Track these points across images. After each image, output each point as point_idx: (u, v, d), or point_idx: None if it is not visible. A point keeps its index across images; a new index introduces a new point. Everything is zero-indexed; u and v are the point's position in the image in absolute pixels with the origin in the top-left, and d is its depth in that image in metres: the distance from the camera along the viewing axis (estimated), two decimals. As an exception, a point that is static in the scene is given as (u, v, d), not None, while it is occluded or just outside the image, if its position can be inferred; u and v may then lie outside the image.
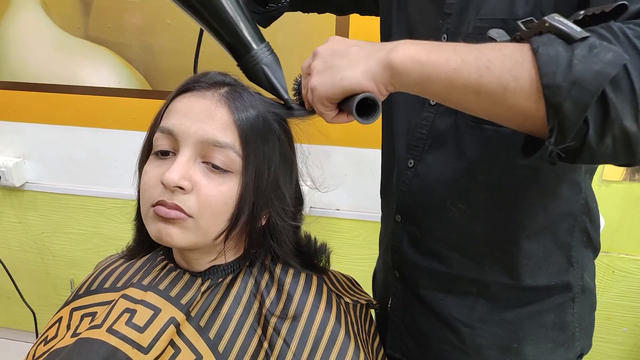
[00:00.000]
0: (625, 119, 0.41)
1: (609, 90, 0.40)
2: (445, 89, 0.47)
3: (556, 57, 0.41)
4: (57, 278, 1.63)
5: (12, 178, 1.48)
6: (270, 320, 0.61)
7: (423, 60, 0.47)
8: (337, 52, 0.53)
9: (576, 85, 0.40)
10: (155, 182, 0.57)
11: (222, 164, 0.56)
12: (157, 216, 0.56)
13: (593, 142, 0.42)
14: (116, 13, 1.30)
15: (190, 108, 0.58)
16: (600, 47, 0.41)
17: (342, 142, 1.31)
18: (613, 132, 0.42)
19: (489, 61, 0.44)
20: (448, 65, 0.46)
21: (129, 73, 1.36)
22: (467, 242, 0.68)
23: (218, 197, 0.57)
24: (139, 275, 0.65)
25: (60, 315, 0.66)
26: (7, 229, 1.58)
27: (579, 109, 0.41)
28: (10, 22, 1.37)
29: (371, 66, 0.50)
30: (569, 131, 0.42)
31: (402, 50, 0.48)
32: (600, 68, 0.40)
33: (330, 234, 1.40)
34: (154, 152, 0.59)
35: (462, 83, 0.46)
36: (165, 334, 0.57)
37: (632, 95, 0.40)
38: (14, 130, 1.47)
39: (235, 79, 0.63)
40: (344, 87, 0.52)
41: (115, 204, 1.49)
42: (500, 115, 0.47)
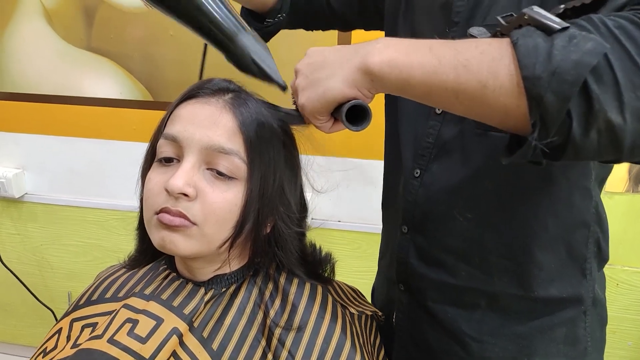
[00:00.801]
0: (609, 111, 0.39)
1: (592, 82, 0.39)
2: (424, 92, 0.47)
3: (535, 48, 0.40)
4: (54, 291, 1.61)
5: (12, 189, 1.47)
6: (275, 331, 0.60)
7: (400, 64, 0.46)
8: (315, 64, 0.53)
9: (556, 75, 0.39)
10: (159, 189, 0.56)
11: (227, 170, 0.56)
12: (160, 224, 0.55)
13: (577, 137, 0.41)
14: (119, 24, 1.31)
15: (195, 114, 0.57)
16: (580, 37, 0.40)
17: (343, 153, 1.31)
18: (598, 125, 0.40)
19: (466, 60, 0.43)
20: (425, 67, 0.45)
21: (130, 84, 1.36)
22: (475, 252, 0.66)
23: (223, 204, 0.56)
24: (141, 284, 0.64)
25: (59, 326, 0.65)
26: (6, 240, 1.56)
27: (560, 100, 0.39)
28: (13, 33, 1.37)
29: (350, 73, 0.49)
30: (552, 125, 0.41)
31: (379, 54, 0.48)
32: (579, 57, 0.39)
33: (332, 246, 1.38)
34: (158, 158, 0.59)
35: (441, 85, 0.45)
36: (168, 345, 0.56)
37: (616, 86, 0.39)
38: (14, 141, 1.47)
39: (240, 85, 0.63)
40: (328, 100, 0.51)
41: (115, 215, 1.48)
42: (481, 114, 0.46)
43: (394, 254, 0.75)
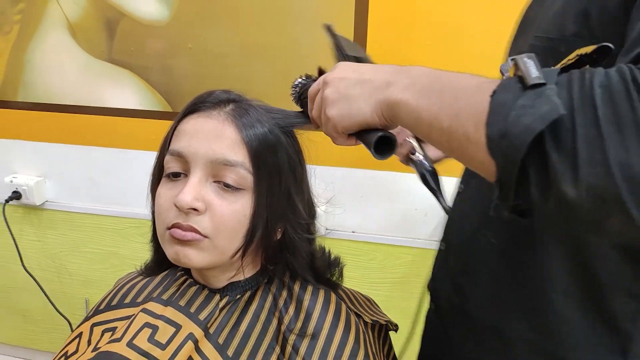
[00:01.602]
0: (563, 182, 0.35)
1: (550, 148, 0.35)
2: (427, 133, 0.46)
3: (501, 105, 0.38)
4: (72, 297, 1.64)
5: (33, 197, 1.50)
6: (289, 338, 0.61)
7: (412, 105, 0.46)
8: (350, 80, 0.53)
9: (505, 138, 0.36)
10: (169, 205, 0.57)
11: (233, 182, 0.57)
12: (173, 239, 0.57)
13: (537, 204, 0.37)
14: (139, 37, 1.34)
15: (198, 129, 0.58)
16: (545, 97, 0.36)
17: (358, 164, 1.32)
18: (554, 194, 0.36)
19: (459, 108, 0.42)
20: (431, 110, 0.44)
21: (150, 95, 1.39)
22: (492, 282, 0.61)
23: (232, 215, 0.57)
24: (158, 290, 0.65)
25: (80, 331, 0.66)
26: (27, 247, 1.59)
27: (509, 165, 0.37)
28: (37, 46, 1.41)
29: (378, 102, 0.50)
30: (507, 189, 0.38)
31: (397, 93, 0.48)
32: (529, 122, 0.35)
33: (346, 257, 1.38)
34: (166, 174, 0.60)
35: (439, 130, 0.44)
36: (184, 350, 0.57)
37: (573, 155, 0.34)
38: (36, 150, 1.51)
39: (239, 94, 0.63)
40: (355, 121, 0.52)
41: (132, 223, 1.50)
42: (468, 164, 0.44)
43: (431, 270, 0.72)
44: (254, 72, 1.30)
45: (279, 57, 1.27)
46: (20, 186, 1.49)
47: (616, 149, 0.33)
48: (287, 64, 1.27)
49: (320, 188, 1.35)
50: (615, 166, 0.33)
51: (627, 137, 0.33)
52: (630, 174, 0.32)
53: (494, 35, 1.14)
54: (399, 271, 1.39)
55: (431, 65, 0.50)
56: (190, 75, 1.35)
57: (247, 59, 1.29)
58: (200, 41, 1.30)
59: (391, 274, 1.40)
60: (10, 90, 1.46)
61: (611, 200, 0.33)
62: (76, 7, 1.36)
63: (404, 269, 1.39)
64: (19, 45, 1.42)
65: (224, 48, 1.29)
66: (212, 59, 1.32)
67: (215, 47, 1.30)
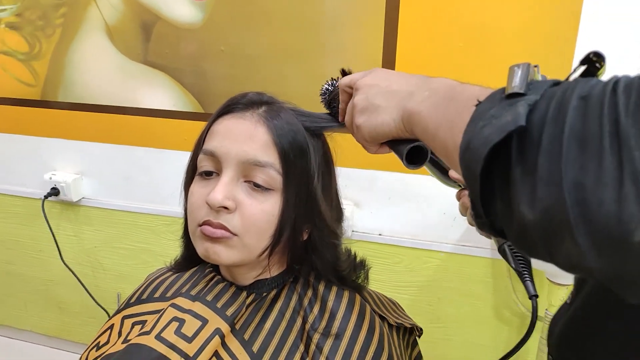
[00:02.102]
0: (522, 202, 0.31)
1: (515, 163, 0.32)
2: (433, 147, 0.45)
3: (479, 114, 0.36)
4: (105, 291, 1.69)
5: (71, 193, 1.56)
6: (313, 337, 0.61)
7: (423, 117, 0.45)
8: (378, 89, 0.53)
9: (468, 150, 0.34)
10: (201, 203, 0.59)
11: (263, 182, 0.58)
12: (204, 235, 0.58)
13: (503, 222, 0.34)
14: (174, 40, 1.38)
15: (231, 130, 0.60)
16: (514, 107, 0.33)
17: (386, 166, 1.32)
18: (515, 215, 0.32)
19: (454, 120, 0.40)
20: (435, 122, 0.43)
21: (183, 96, 1.42)
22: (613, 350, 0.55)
23: (261, 215, 0.58)
24: (187, 285, 0.67)
25: (112, 323, 0.69)
26: (64, 241, 1.65)
27: (471, 178, 0.34)
28: (77, 48, 1.47)
29: (400, 113, 0.49)
30: (475, 202, 0.35)
31: (415, 104, 0.47)
32: (489, 133, 0.33)
33: (372, 259, 1.39)
34: (199, 172, 0.61)
35: (442, 140, 0.42)
36: (211, 345, 0.58)
37: (532, 173, 0.31)
38: (75, 149, 1.56)
39: (272, 96, 0.64)
40: (380, 133, 0.52)
41: (164, 221, 1.54)
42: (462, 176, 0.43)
43: None
44: (286, 74, 1.32)
45: (310, 60, 1.29)
46: (59, 183, 1.55)
47: (573, 167, 0.29)
48: (318, 66, 1.29)
49: (348, 190, 1.35)
50: (569, 186, 0.29)
51: (588, 155, 0.29)
52: (583, 196, 0.28)
53: (528, 37, 1.12)
54: (425, 275, 1.38)
55: (463, 67, 0.49)
56: (223, 77, 1.38)
57: (279, 61, 1.31)
58: (232, 44, 1.33)
59: (418, 278, 1.39)
60: (51, 90, 1.53)
61: (560, 224, 0.29)
62: (114, 11, 1.40)
63: (431, 273, 1.37)
64: (61, 47, 1.48)
65: (256, 51, 1.32)
66: (244, 62, 1.34)
67: (247, 49, 1.32)
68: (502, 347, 1.39)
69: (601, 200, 0.27)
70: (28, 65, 1.52)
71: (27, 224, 1.68)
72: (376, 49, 1.23)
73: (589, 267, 0.29)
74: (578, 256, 0.29)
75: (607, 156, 0.28)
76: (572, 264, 0.31)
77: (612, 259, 0.28)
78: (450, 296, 1.38)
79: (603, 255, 0.28)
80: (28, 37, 1.50)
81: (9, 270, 1.79)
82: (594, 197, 0.28)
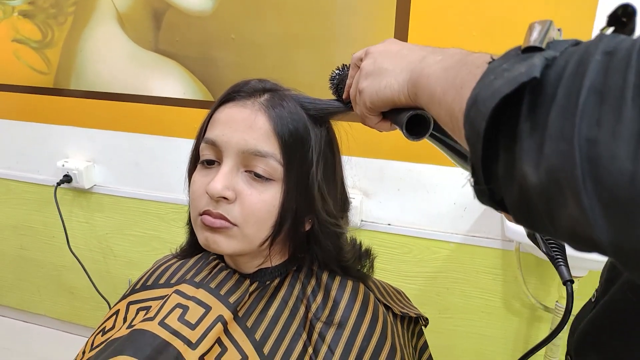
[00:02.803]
0: (526, 160, 0.29)
1: (524, 118, 0.29)
2: (437, 115, 0.41)
3: (490, 71, 0.33)
4: (116, 277, 1.71)
5: (82, 180, 1.58)
6: (316, 325, 0.61)
7: (431, 81, 0.42)
8: (387, 52, 0.50)
9: (475, 105, 0.31)
10: (202, 192, 0.58)
11: (264, 172, 0.57)
12: (204, 225, 0.58)
13: (504, 189, 0.32)
14: (184, 28, 1.38)
15: (232, 118, 0.59)
16: (529, 59, 0.30)
17: (396, 156, 1.31)
18: (517, 177, 0.30)
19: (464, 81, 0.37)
20: (443, 86, 0.40)
21: (193, 84, 1.42)
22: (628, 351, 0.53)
23: (261, 205, 0.58)
24: (191, 272, 0.67)
25: (117, 308, 0.70)
26: (76, 227, 1.67)
27: (474, 134, 0.31)
28: (89, 36, 1.47)
29: (407, 78, 0.46)
30: (475, 165, 0.32)
31: (425, 68, 0.44)
32: (499, 85, 0.30)
33: (381, 249, 1.39)
34: (200, 161, 0.61)
35: (447, 104, 0.39)
36: (213, 331, 0.59)
37: (543, 128, 0.28)
38: (87, 136, 1.58)
39: (275, 83, 0.63)
40: (386, 99, 0.48)
41: (174, 209, 1.55)
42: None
43: None
44: (296, 62, 1.31)
45: (321, 48, 1.28)
46: (71, 170, 1.57)
47: (589, 122, 0.26)
48: (328, 54, 1.28)
49: (357, 180, 1.35)
50: (581, 141, 0.26)
51: (605, 110, 0.26)
52: (595, 152, 0.26)
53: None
54: (434, 266, 1.37)
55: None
56: (233, 65, 1.37)
57: (289, 49, 1.30)
58: (243, 32, 1.32)
59: (427, 268, 1.38)
60: (64, 78, 1.54)
61: (566, 183, 0.27)
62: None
63: (440, 264, 1.37)
64: (73, 35, 1.48)
65: (266, 39, 1.31)
66: (254, 50, 1.33)
67: (257, 38, 1.32)
68: (512, 338, 1.38)
69: (614, 156, 0.25)
70: (41, 53, 1.53)
71: (40, 211, 1.71)
72: (387, 37, 1.21)
73: (592, 234, 0.27)
74: (581, 221, 0.27)
75: (628, 109, 0.25)
76: (574, 232, 0.28)
77: (619, 223, 0.25)
78: (459, 287, 1.37)
79: (609, 218, 0.25)
80: (41, 25, 1.51)
81: (23, 255, 1.82)
82: (606, 152, 0.25)
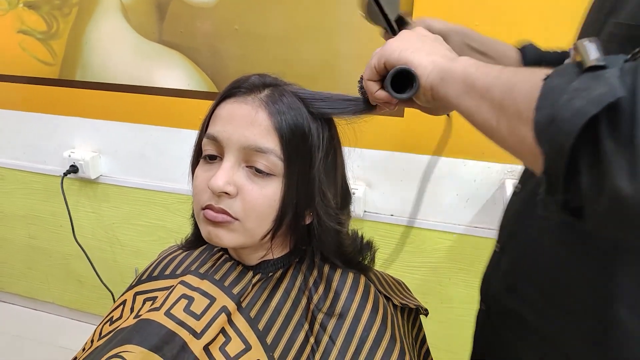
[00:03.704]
0: (618, 175, 0.31)
1: (606, 135, 0.32)
2: (476, 106, 0.45)
3: (554, 88, 0.35)
4: (123, 266, 1.74)
5: (89, 171, 1.59)
6: (317, 316, 0.63)
7: (468, 74, 0.47)
8: (417, 37, 0.55)
9: (554, 124, 0.34)
10: (204, 187, 0.59)
11: (264, 167, 0.58)
12: (206, 219, 0.59)
13: (589, 200, 0.34)
14: (188, 19, 1.38)
15: (233, 114, 0.59)
16: (603, 79, 0.33)
17: (399, 147, 1.31)
18: (608, 190, 0.32)
19: (514, 84, 0.40)
20: (484, 81, 0.44)
21: (197, 76, 1.43)
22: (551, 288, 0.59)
23: (262, 200, 0.59)
24: (196, 263, 0.69)
25: (124, 298, 0.71)
26: (82, 217, 1.70)
27: (556, 153, 0.34)
28: (94, 28, 1.48)
29: (437, 62, 0.51)
30: (555, 181, 0.35)
31: (461, 63, 0.49)
32: (581, 105, 0.32)
33: (384, 240, 1.40)
34: (203, 156, 0.62)
35: (489, 102, 0.43)
36: (217, 322, 0.60)
37: (631, 146, 0.31)
38: (93, 127, 1.59)
39: (275, 78, 0.63)
40: (406, 59, 0.53)
41: (179, 199, 1.57)
42: (514, 149, 0.42)
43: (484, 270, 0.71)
44: (300, 53, 1.31)
45: (325, 39, 1.28)
46: (77, 160, 1.59)
47: None
48: (332, 46, 1.28)
49: (361, 170, 1.36)
50: None
51: None
52: None
53: (545, 21, 1.09)
54: (436, 256, 1.39)
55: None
56: (237, 56, 1.38)
57: (293, 40, 1.30)
58: (246, 23, 1.33)
59: (429, 259, 1.40)
60: (69, 69, 1.55)
61: None
62: (129, -10, 1.41)
63: (442, 255, 1.38)
64: (78, 26, 1.49)
65: (269, 30, 1.31)
66: (258, 41, 1.34)
67: (261, 29, 1.32)
68: (513, 328, 1.40)
69: None
70: (46, 45, 1.54)
71: (48, 200, 1.73)
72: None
73: None
74: None
75: None
76: None
77: None
78: (462, 277, 1.39)
79: None
80: (46, 16, 1.51)
81: (32, 244, 1.85)
82: None
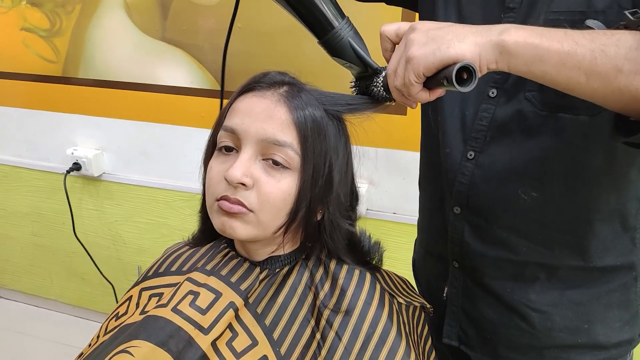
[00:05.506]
0: None
1: None
2: (554, 70, 0.49)
3: None
4: (126, 264, 1.74)
5: (92, 168, 1.59)
6: (324, 312, 0.63)
7: (536, 42, 0.49)
8: (442, 28, 0.53)
9: None
10: (220, 178, 0.60)
11: (282, 160, 0.59)
12: (221, 210, 0.60)
13: None
14: (191, 17, 1.38)
15: (252, 108, 0.60)
16: None
17: (402, 146, 1.31)
18: None
19: (604, 45, 0.47)
20: (562, 47, 0.48)
21: (200, 73, 1.43)
22: (537, 229, 0.68)
23: (277, 193, 0.59)
24: (203, 260, 0.69)
25: (130, 294, 0.71)
26: (85, 215, 1.70)
27: None
28: (96, 25, 1.48)
29: (480, 41, 0.51)
30: None
31: (515, 33, 0.50)
32: None
33: (387, 238, 1.41)
34: (218, 147, 0.62)
35: (575, 65, 0.48)
36: (225, 317, 0.60)
37: None
38: (96, 125, 1.59)
39: (293, 77, 0.65)
40: (448, 56, 0.51)
41: (182, 196, 1.57)
42: (606, 97, 0.49)
43: (442, 233, 0.77)
44: (302, 51, 1.31)
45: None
46: (80, 158, 1.59)
47: None
48: (334, 43, 1.28)
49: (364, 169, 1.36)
50: None
51: None
52: None
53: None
54: (439, 254, 1.39)
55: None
56: (240, 54, 1.38)
57: (296, 37, 1.30)
58: (249, 21, 1.33)
59: (432, 257, 1.40)
60: (72, 67, 1.55)
61: None
62: (133, -13, 1.41)
63: (445, 252, 1.38)
64: (80, 23, 1.49)
65: (272, 27, 1.31)
66: (260, 38, 1.34)
67: (264, 26, 1.32)
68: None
69: None
70: (49, 42, 1.54)
71: (51, 198, 1.73)
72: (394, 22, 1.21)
73: None
74: None
75: None
76: None
77: None
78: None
79: None
80: (49, 14, 1.51)
81: (35, 242, 1.85)
82: None
